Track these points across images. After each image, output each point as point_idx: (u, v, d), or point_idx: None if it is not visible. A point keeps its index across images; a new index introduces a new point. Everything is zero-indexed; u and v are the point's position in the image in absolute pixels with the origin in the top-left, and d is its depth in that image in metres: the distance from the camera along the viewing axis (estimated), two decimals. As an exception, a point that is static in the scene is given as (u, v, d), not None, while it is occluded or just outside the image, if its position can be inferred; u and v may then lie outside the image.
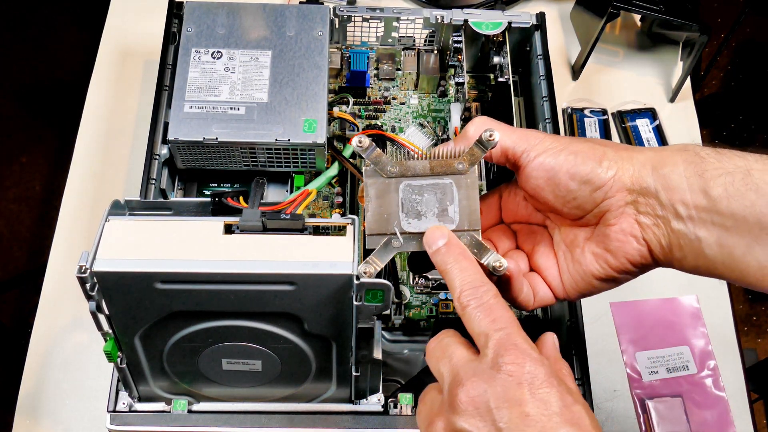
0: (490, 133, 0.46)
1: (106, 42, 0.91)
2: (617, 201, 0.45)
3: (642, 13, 0.85)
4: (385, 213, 0.47)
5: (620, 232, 0.46)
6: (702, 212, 0.43)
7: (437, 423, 0.41)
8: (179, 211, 0.53)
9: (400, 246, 0.47)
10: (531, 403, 0.38)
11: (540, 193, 0.47)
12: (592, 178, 0.45)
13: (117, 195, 0.61)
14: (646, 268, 0.47)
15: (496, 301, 0.42)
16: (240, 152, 0.67)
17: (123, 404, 0.59)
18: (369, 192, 0.47)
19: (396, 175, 0.47)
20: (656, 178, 0.44)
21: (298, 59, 0.70)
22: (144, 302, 0.48)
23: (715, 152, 0.43)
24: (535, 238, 0.51)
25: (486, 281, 0.43)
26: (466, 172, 0.47)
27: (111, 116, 0.85)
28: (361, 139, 0.46)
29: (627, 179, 0.45)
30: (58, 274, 0.76)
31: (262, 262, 0.47)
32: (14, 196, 1.61)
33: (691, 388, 0.72)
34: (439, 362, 0.43)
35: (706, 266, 0.44)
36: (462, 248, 0.45)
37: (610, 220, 0.46)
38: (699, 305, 0.77)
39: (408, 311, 0.69)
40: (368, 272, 0.46)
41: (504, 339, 0.40)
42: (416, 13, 0.79)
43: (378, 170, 0.47)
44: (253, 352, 0.53)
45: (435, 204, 0.47)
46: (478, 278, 0.43)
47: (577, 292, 0.49)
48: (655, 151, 0.45)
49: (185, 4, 0.72)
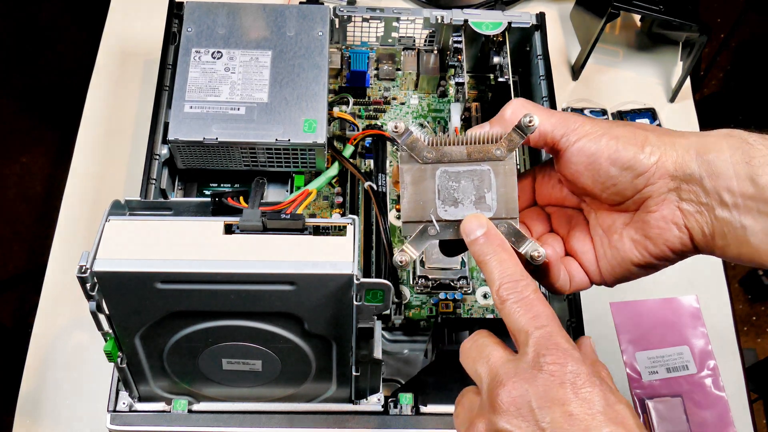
0: (530, 119, 0.44)
1: (106, 42, 0.91)
2: (659, 188, 0.44)
3: (642, 13, 0.85)
4: (421, 200, 0.46)
5: (661, 219, 0.44)
6: (748, 200, 0.41)
7: (478, 425, 0.40)
8: (179, 211, 0.53)
9: (436, 234, 0.46)
10: (574, 402, 0.37)
11: (579, 178, 0.46)
12: (634, 164, 0.43)
13: (117, 195, 0.61)
14: (686, 255, 0.46)
15: (536, 297, 0.41)
16: (240, 152, 0.67)
17: (123, 404, 0.59)
18: (405, 178, 0.46)
19: (432, 161, 0.45)
20: (701, 164, 0.42)
21: (298, 59, 0.70)
22: (144, 302, 0.48)
23: (762, 138, 0.42)
24: (571, 222, 0.50)
25: (525, 275, 0.42)
26: (504, 158, 0.45)
27: (111, 116, 0.85)
28: (397, 124, 0.45)
29: (670, 165, 0.43)
30: (58, 274, 0.76)
31: (262, 262, 0.47)
32: (14, 196, 1.61)
33: (690, 388, 0.72)
34: (476, 363, 0.42)
35: (749, 255, 0.42)
36: (501, 239, 0.44)
37: (651, 207, 0.45)
38: (699, 305, 0.77)
39: (408, 311, 0.69)
40: (404, 261, 0.46)
41: (545, 337, 0.39)
42: (416, 13, 0.79)
43: (414, 156, 0.45)
44: (254, 352, 0.53)
45: (472, 191, 0.46)
46: (517, 271, 0.42)
47: (614, 277, 0.48)
48: (699, 136, 0.44)
49: (185, 4, 0.72)
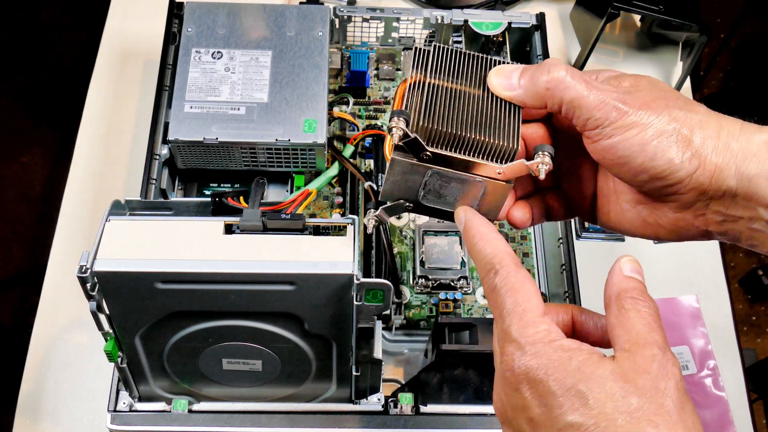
0: (546, 161, 0.40)
1: (106, 42, 0.91)
2: (688, 198, 0.40)
3: (642, 14, 0.85)
4: (404, 186, 0.43)
5: (682, 220, 0.41)
6: None
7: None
8: (179, 211, 0.53)
9: (411, 209, 0.44)
10: (534, 406, 0.36)
11: (602, 161, 0.41)
12: (667, 176, 0.39)
13: (117, 195, 0.61)
14: (700, 240, 0.43)
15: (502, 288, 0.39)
16: (240, 152, 0.67)
17: (123, 404, 0.59)
18: (394, 168, 0.42)
19: (428, 163, 0.42)
20: (739, 179, 0.38)
21: (299, 59, 0.70)
22: (144, 302, 0.48)
23: None
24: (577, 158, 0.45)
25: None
26: (503, 183, 0.42)
27: (111, 116, 0.85)
28: (398, 124, 0.40)
29: (706, 179, 0.39)
30: (58, 274, 0.76)
31: (262, 262, 0.47)
32: (14, 196, 1.61)
33: (690, 388, 0.72)
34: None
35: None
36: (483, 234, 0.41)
37: (674, 208, 0.41)
38: (699, 305, 0.77)
39: (408, 311, 0.69)
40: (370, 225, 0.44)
41: (501, 334, 0.38)
42: (416, 14, 0.79)
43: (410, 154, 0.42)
44: (254, 352, 0.53)
45: (459, 193, 0.43)
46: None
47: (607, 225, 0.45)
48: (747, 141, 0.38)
49: (185, 5, 0.72)
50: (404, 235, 0.72)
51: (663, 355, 0.35)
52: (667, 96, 0.40)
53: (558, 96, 0.40)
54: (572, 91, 0.39)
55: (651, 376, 0.34)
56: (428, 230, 0.71)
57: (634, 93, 0.40)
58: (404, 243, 0.72)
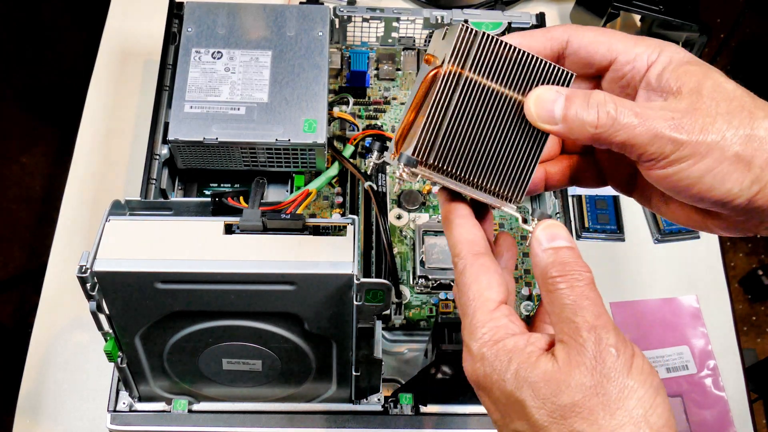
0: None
1: (106, 42, 0.91)
2: (738, 219, 0.38)
3: (642, 13, 0.85)
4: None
5: (733, 227, 0.39)
6: None
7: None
8: (179, 211, 0.53)
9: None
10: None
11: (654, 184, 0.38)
12: (723, 204, 0.37)
13: (117, 195, 0.61)
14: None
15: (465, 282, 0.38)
16: (240, 152, 0.67)
17: (123, 404, 0.59)
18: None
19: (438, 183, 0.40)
20: None
21: (298, 59, 0.70)
22: (144, 302, 0.48)
23: None
24: None
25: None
26: (511, 210, 0.41)
27: (111, 116, 0.85)
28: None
29: (765, 202, 0.36)
30: (58, 274, 0.76)
31: (262, 262, 0.47)
32: (14, 196, 1.61)
33: (690, 388, 0.73)
34: None
35: None
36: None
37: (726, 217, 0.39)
38: (699, 305, 0.77)
39: (408, 311, 0.69)
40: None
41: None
42: (416, 13, 0.79)
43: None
44: (254, 352, 0.53)
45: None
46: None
47: (646, 206, 0.43)
48: None
49: (185, 5, 0.72)
50: (404, 235, 0.72)
51: (595, 337, 0.34)
52: (730, 103, 0.36)
53: (607, 140, 0.36)
54: (623, 134, 0.36)
55: (585, 368, 0.34)
56: (428, 230, 0.71)
57: (694, 111, 0.36)
58: (404, 243, 0.72)
